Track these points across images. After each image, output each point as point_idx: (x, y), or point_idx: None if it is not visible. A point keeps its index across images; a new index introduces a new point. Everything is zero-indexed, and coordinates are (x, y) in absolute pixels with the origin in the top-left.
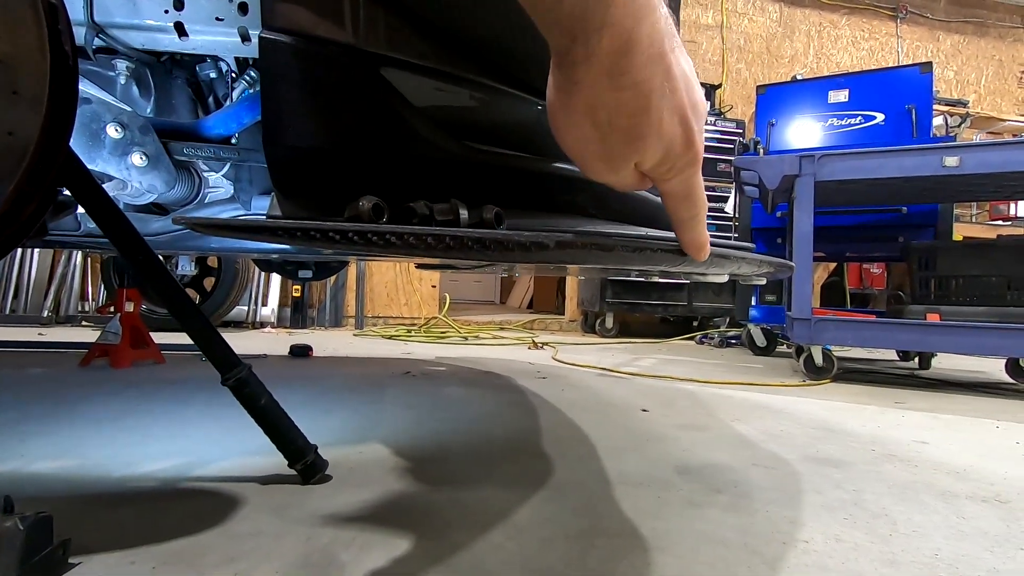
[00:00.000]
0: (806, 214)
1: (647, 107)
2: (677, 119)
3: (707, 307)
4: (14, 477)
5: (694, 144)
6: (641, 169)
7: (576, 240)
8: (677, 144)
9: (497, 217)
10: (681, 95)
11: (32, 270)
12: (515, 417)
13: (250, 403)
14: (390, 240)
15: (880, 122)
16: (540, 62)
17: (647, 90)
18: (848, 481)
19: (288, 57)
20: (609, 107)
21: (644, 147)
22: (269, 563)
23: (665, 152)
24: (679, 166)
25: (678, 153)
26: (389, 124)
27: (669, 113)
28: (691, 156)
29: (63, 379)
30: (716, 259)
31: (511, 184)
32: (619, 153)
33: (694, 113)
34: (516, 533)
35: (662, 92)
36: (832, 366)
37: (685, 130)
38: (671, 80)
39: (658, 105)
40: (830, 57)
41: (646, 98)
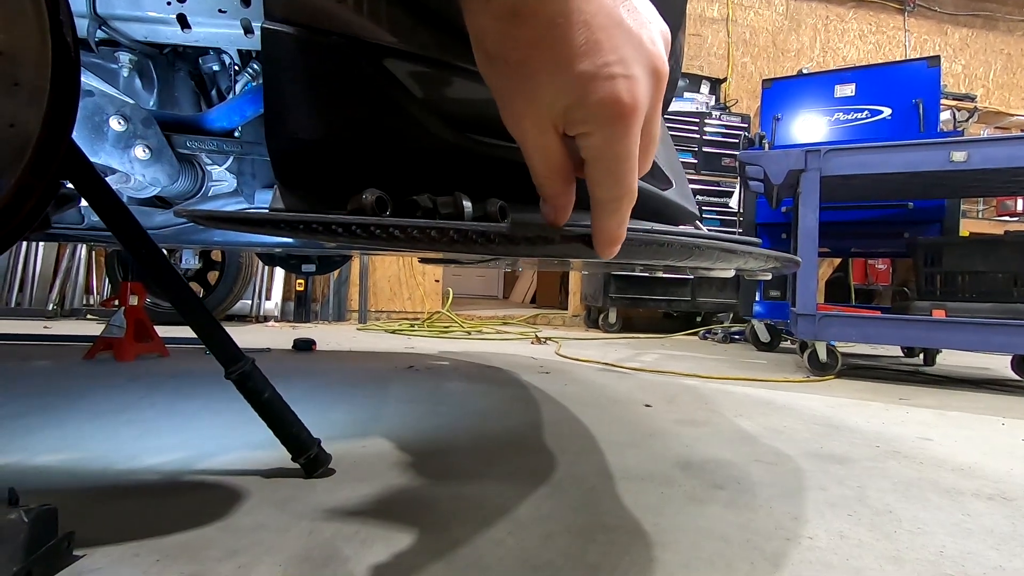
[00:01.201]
0: (811, 209)
1: (540, 37)
2: (594, 50)
3: (711, 303)
4: (18, 469)
5: (618, 93)
6: (556, 124)
7: (581, 234)
8: (593, 86)
9: (501, 210)
10: (603, 18)
11: (37, 264)
12: (518, 412)
13: (253, 397)
14: (393, 233)
15: (887, 116)
16: None
17: (532, 13)
18: (852, 477)
19: (290, 48)
20: (494, 37)
21: (538, 86)
22: (272, 556)
23: (576, 97)
24: (599, 118)
25: (595, 100)
26: (392, 116)
27: (578, 43)
28: (615, 108)
29: (67, 372)
30: (723, 253)
31: (515, 177)
32: (517, 97)
33: (633, 47)
34: (517, 528)
35: (557, 17)
36: (836, 362)
37: (607, 66)
38: (573, 4)
39: (556, 34)
40: (837, 51)
41: (537, 25)
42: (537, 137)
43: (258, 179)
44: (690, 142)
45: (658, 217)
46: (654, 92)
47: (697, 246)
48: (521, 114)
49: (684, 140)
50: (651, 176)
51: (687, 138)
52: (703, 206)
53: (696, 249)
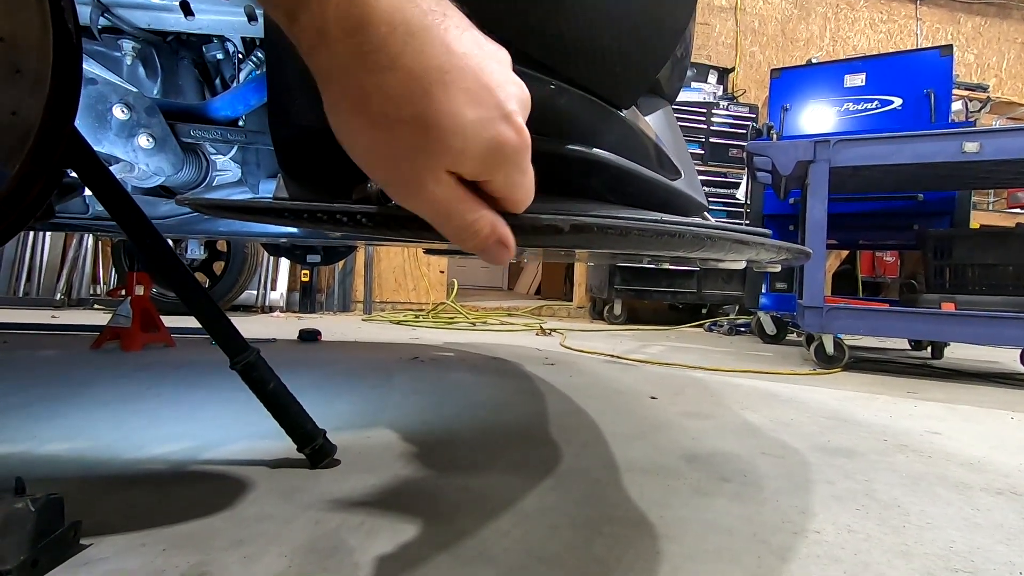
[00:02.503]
0: (820, 201)
1: (427, 89)
2: (482, 97)
3: (716, 294)
4: (25, 458)
5: (508, 135)
6: (459, 172)
7: (591, 224)
8: (486, 133)
9: None
10: (477, 66)
11: (44, 253)
12: (523, 403)
13: (259, 387)
14: (400, 222)
15: (897, 107)
16: (551, 36)
17: (418, 66)
18: (859, 471)
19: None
20: (376, 95)
21: (441, 139)
22: (277, 546)
23: (472, 147)
24: (498, 163)
25: (490, 147)
26: None
27: (467, 91)
28: (509, 149)
29: (75, 361)
30: (735, 244)
31: None
32: (414, 154)
33: (502, 92)
34: (522, 520)
35: (445, 66)
36: (843, 355)
37: (494, 109)
38: (452, 49)
39: (447, 81)
40: (847, 40)
41: (420, 76)
42: (442, 192)
43: (263, 168)
44: (697, 132)
45: (667, 208)
46: (526, 110)
47: (709, 237)
48: (417, 176)
49: (691, 130)
50: (659, 165)
51: (694, 128)
52: (710, 197)
53: (708, 240)
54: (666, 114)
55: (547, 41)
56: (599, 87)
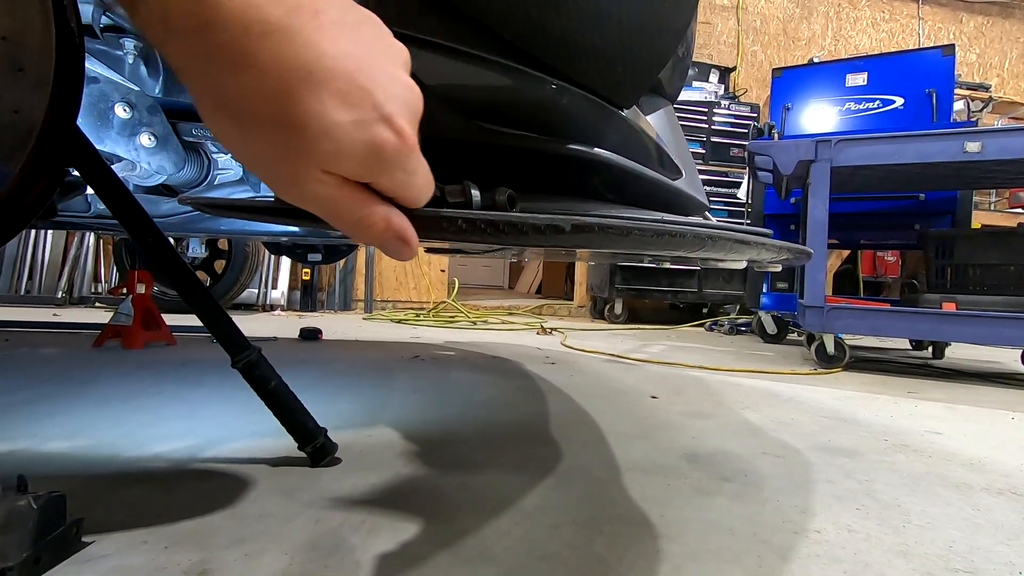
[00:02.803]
0: (821, 200)
1: (291, 89)
2: (356, 99)
3: (717, 294)
4: (27, 456)
5: (386, 137)
6: (336, 172)
7: (593, 224)
8: (361, 137)
9: (510, 199)
10: (353, 67)
11: (46, 251)
12: (523, 402)
13: (260, 386)
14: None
15: (899, 106)
16: (554, 36)
17: (278, 66)
18: (860, 471)
19: None
20: (234, 94)
21: (309, 141)
22: (278, 545)
23: (347, 151)
24: (377, 166)
25: (367, 151)
26: None
27: (339, 93)
28: (389, 151)
29: (76, 359)
30: (736, 244)
31: (524, 166)
32: (284, 154)
33: (381, 93)
34: (523, 519)
35: (311, 66)
36: (844, 355)
37: (370, 111)
38: (321, 49)
39: (313, 82)
40: (849, 39)
41: (282, 77)
42: (323, 191)
43: None
44: (699, 132)
45: (668, 207)
46: (413, 110)
47: (710, 237)
48: (293, 176)
49: (693, 130)
50: (660, 165)
51: (695, 128)
52: (711, 196)
53: (709, 240)
54: (667, 113)
55: (548, 41)
56: (600, 87)
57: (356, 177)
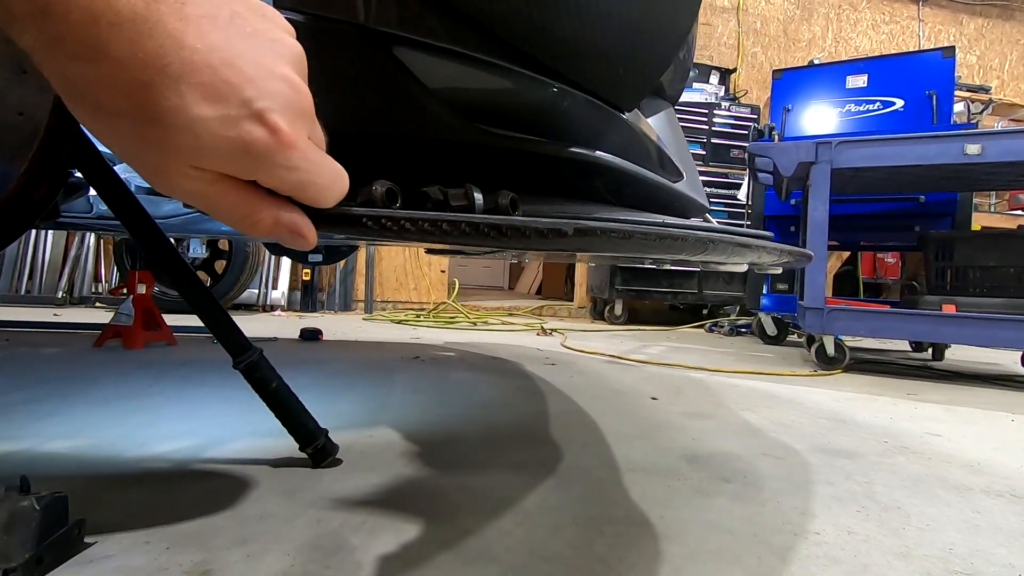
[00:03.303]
0: (821, 202)
1: (146, 82)
2: (222, 94)
3: (717, 295)
4: (29, 456)
5: (260, 136)
6: (207, 169)
7: (595, 227)
8: (233, 135)
9: (512, 203)
10: (220, 61)
11: (46, 252)
12: (524, 403)
13: (261, 387)
14: (404, 226)
15: (899, 108)
16: (556, 39)
17: (131, 58)
18: (859, 472)
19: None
20: (85, 86)
21: (168, 137)
22: (280, 545)
23: (219, 149)
24: (254, 164)
25: (241, 149)
26: (401, 106)
27: (202, 87)
28: (266, 149)
29: (77, 359)
30: (737, 248)
31: (526, 169)
32: (146, 148)
33: (251, 89)
34: (524, 519)
35: (168, 59)
36: (844, 356)
37: (245, 109)
38: (182, 42)
39: (172, 75)
40: (849, 41)
41: (136, 69)
42: (197, 186)
43: None
44: (699, 133)
45: (669, 210)
46: (295, 107)
47: (712, 240)
48: (162, 171)
49: (693, 131)
50: (661, 167)
51: (696, 129)
52: (711, 198)
53: (710, 243)
54: (668, 116)
55: (550, 44)
56: (602, 90)
57: (231, 173)
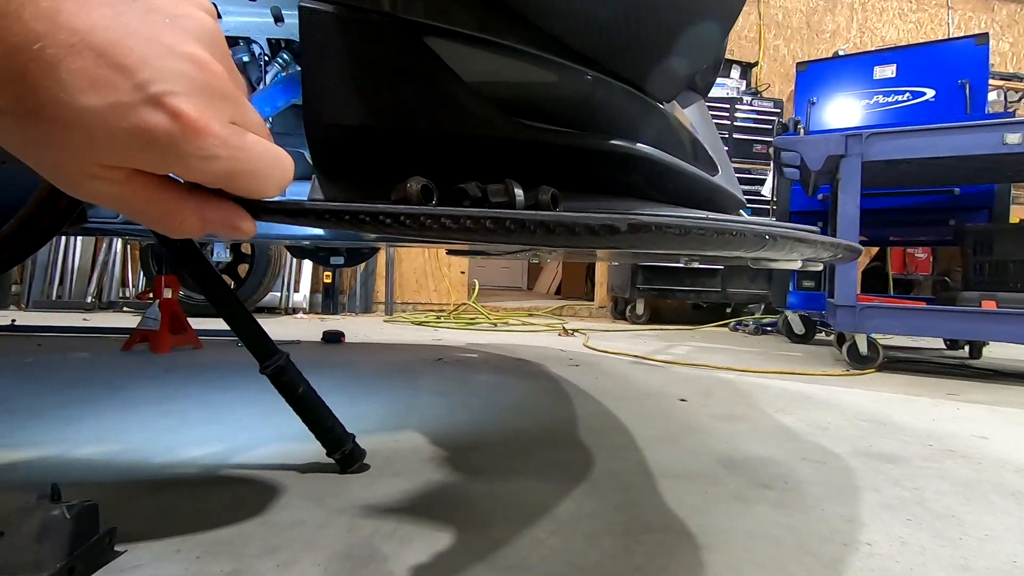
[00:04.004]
0: (852, 196)
1: (20, 71)
2: (110, 80)
3: (741, 293)
4: (60, 461)
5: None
6: (115, 165)
7: (650, 223)
8: (131, 124)
9: (553, 198)
10: (104, 42)
11: (76, 257)
12: (550, 406)
13: (288, 391)
14: (445, 224)
15: (930, 98)
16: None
17: (2, 42)
18: (907, 478)
19: (329, 27)
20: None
21: (56, 132)
22: (311, 554)
23: (126, 138)
24: (166, 155)
25: (144, 139)
26: (436, 99)
27: (84, 73)
28: (174, 137)
29: (106, 363)
30: (795, 243)
31: (564, 163)
32: (39, 148)
33: (145, 71)
34: (558, 528)
35: (43, 43)
36: (878, 355)
37: (139, 95)
38: (58, 23)
39: (49, 61)
40: (875, 31)
41: (10, 55)
42: (107, 188)
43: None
44: (720, 128)
45: (707, 204)
46: (204, 89)
47: (770, 235)
48: (65, 173)
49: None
50: (695, 160)
51: (717, 124)
52: None
53: (769, 239)
54: (700, 108)
55: (592, 33)
56: (644, 80)
57: (140, 168)
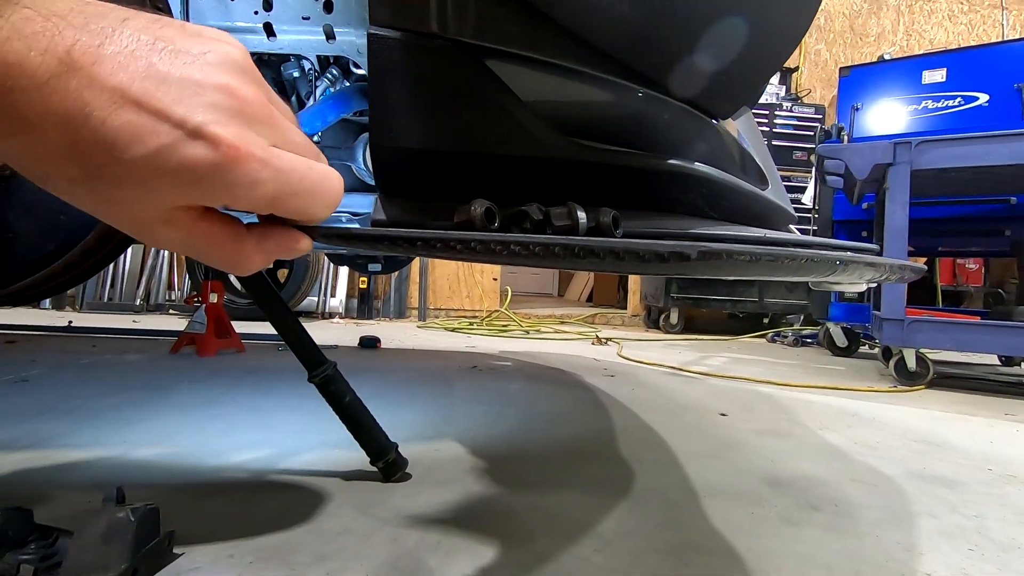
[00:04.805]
0: (900, 206)
1: (73, 137)
2: (153, 126)
3: (779, 304)
4: (119, 463)
5: (190, 159)
6: (181, 205)
7: (720, 250)
8: (170, 163)
9: (614, 220)
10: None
11: (126, 262)
12: (587, 417)
13: (335, 400)
14: (514, 250)
15: (983, 104)
16: (659, 48)
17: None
18: (965, 504)
19: (395, 53)
20: (20, 159)
21: (118, 189)
22: (359, 564)
23: (179, 179)
24: (213, 185)
25: (193, 173)
26: (497, 121)
27: (130, 125)
28: (219, 166)
29: (156, 366)
30: (865, 268)
31: (621, 183)
32: (107, 206)
33: (181, 108)
34: (603, 545)
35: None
36: (927, 371)
37: (182, 130)
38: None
39: (92, 125)
40: (923, 34)
41: (60, 127)
42: (176, 235)
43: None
44: None
45: (760, 221)
46: (240, 115)
47: (841, 261)
48: (137, 226)
49: None
50: (745, 172)
51: None
52: None
53: (841, 265)
54: (748, 119)
55: (654, 54)
56: (702, 98)
57: (195, 201)
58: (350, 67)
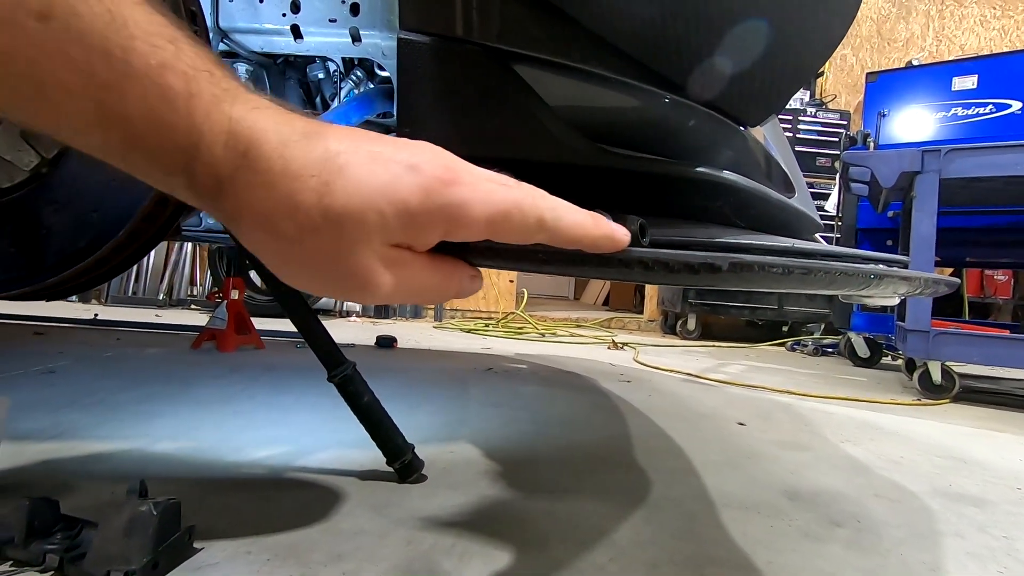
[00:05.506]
0: (927, 215)
1: (338, 248)
2: (375, 170)
3: (799, 312)
4: (141, 456)
5: (412, 182)
6: (397, 247)
7: (752, 262)
8: (394, 191)
9: (642, 228)
10: (364, 153)
11: (150, 257)
12: (603, 423)
13: (353, 400)
14: (540, 257)
15: (1016, 111)
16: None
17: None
18: (994, 524)
19: (424, 57)
20: (293, 261)
21: (365, 280)
22: (374, 565)
23: (406, 208)
24: (430, 212)
25: (407, 204)
26: (523, 124)
27: (362, 166)
28: (430, 192)
29: (177, 360)
30: (899, 282)
31: (647, 190)
32: (349, 250)
33: (399, 152)
34: (618, 554)
35: (352, 215)
36: (953, 384)
37: (400, 166)
38: (330, 149)
39: (348, 230)
40: (953, 39)
41: (312, 175)
42: (390, 281)
43: None
44: None
45: (786, 229)
46: (440, 159)
47: (876, 275)
48: (359, 268)
49: None
50: (770, 179)
51: None
52: None
53: (875, 279)
54: (775, 125)
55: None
56: (732, 106)
57: (421, 237)
58: (374, 69)
